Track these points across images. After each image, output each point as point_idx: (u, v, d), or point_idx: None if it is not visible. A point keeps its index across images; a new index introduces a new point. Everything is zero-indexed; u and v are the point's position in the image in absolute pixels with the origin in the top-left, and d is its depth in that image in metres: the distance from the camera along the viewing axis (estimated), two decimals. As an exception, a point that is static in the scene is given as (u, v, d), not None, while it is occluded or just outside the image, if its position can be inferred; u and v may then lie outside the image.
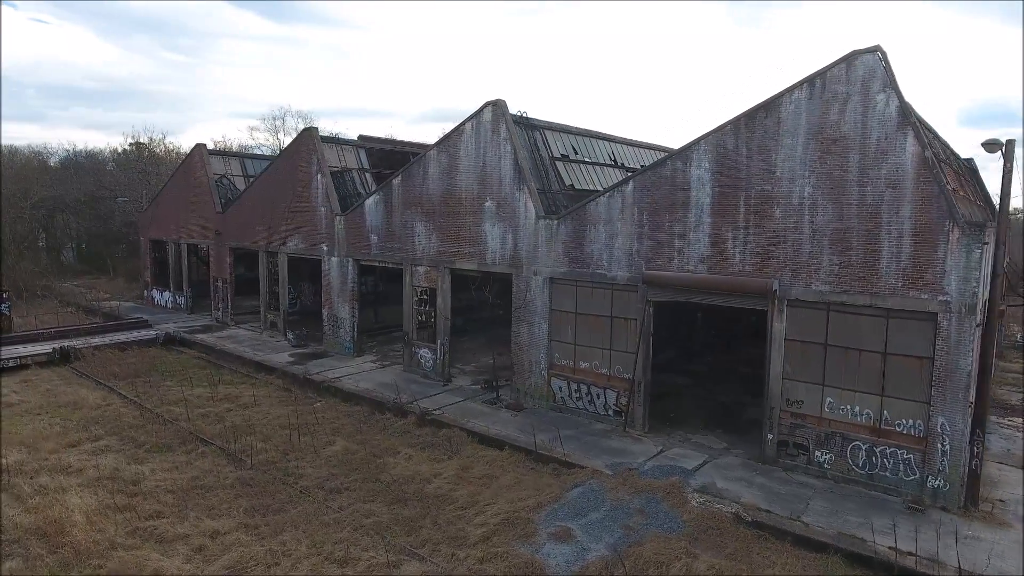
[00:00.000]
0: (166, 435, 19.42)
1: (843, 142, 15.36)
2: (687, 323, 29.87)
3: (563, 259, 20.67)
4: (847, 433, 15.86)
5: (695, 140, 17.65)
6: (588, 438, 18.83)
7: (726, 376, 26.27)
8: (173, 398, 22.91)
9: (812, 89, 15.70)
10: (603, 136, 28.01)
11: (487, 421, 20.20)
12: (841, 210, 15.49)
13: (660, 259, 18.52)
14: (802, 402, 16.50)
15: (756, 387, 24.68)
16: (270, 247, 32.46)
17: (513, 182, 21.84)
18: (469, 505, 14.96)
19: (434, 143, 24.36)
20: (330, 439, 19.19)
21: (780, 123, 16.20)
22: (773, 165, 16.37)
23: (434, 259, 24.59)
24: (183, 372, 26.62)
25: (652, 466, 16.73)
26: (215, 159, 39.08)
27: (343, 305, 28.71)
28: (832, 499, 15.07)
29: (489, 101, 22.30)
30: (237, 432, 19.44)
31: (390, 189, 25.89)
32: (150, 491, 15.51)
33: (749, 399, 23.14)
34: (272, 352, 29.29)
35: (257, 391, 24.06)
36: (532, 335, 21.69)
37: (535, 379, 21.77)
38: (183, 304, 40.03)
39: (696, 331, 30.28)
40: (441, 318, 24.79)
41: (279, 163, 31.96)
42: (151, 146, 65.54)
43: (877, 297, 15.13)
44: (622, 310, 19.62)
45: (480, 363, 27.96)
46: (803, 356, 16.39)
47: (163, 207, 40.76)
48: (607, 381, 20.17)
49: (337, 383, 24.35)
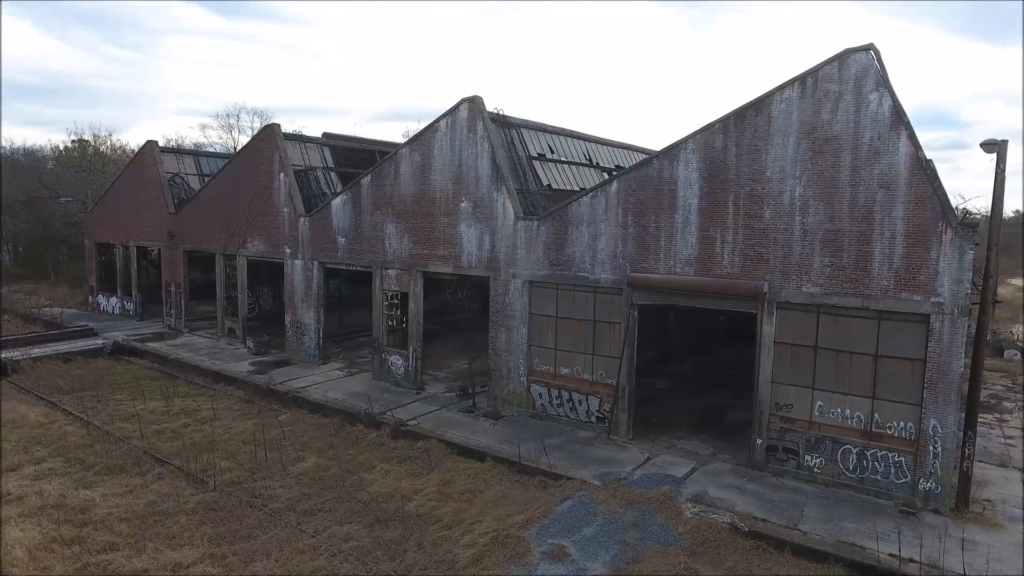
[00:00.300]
0: (118, 455, 17.91)
1: (835, 142, 15.09)
2: (662, 324, 29.59)
3: (543, 261, 19.97)
4: (838, 437, 15.60)
5: (682, 139, 17.19)
6: (572, 447, 18.16)
7: (705, 378, 26.02)
8: (124, 413, 21.29)
9: (804, 88, 15.40)
10: (578, 135, 27.48)
11: (466, 431, 19.33)
12: (833, 211, 15.21)
13: (646, 261, 18.00)
14: (792, 406, 16.19)
15: (736, 389, 24.58)
16: (228, 249, 30.82)
17: (491, 182, 21.04)
18: (454, 524, 14.08)
19: (406, 141, 23.37)
20: (299, 455, 18.02)
21: (771, 122, 15.85)
22: (763, 165, 16.02)
23: (406, 262, 23.58)
24: (134, 384, 24.91)
25: (641, 475, 16.16)
26: (168, 157, 37.09)
27: (308, 310, 27.38)
28: (826, 504, 14.75)
29: (465, 97, 21.46)
30: (197, 450, 18.08)
31: (359, 189, 24.76)
32: (101, 520, 14.11)
33: (730, 401, 22.92)
34: (231, 361, 27.73)
35: (217, 403, 22.60)
36: (511, 340, 20.91)
37: (514, 386, 21.00)
38: (132, 310, 37.84)
39: (671, 332, 30.00)
40: (413, 323, 23.79)
41: (238, 161, 30.37)
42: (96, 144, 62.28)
43: (869, 299, 14.90)
44: (606, 314, 19.03)
45: (453, 368, 27.05)
46: (793, 359, 16.08)
47: (110, 208, 38.47)
48: (590, 387, 19.54)
49: (304, 393, 23.08)
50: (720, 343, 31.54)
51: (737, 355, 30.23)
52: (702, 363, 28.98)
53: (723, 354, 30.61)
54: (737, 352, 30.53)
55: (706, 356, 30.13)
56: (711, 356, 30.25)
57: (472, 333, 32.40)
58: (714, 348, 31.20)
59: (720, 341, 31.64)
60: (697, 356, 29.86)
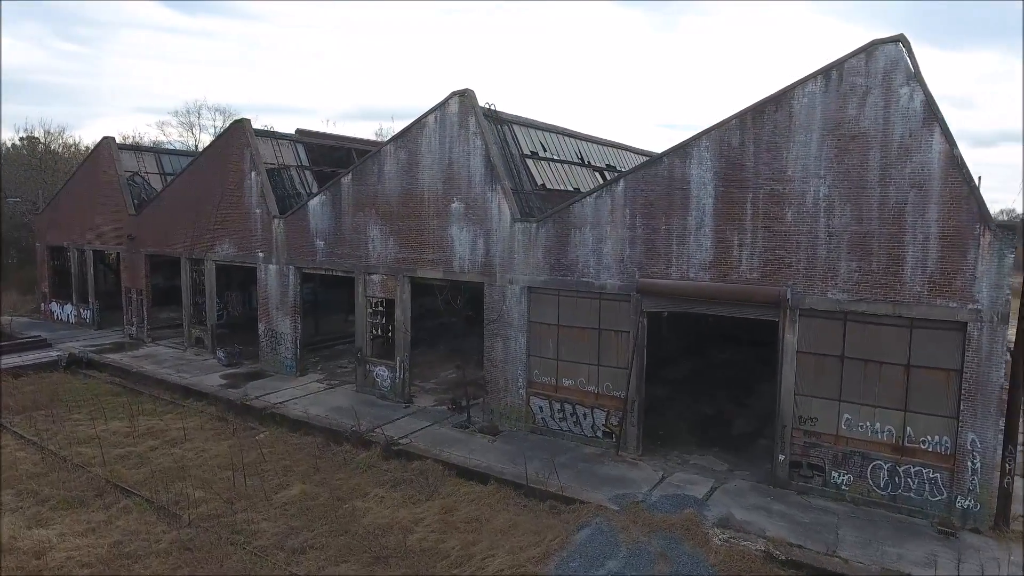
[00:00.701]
0: (77, 486, 16.06)
1: (863, 139, 14.18)
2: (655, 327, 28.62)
3: (543, 266, 18.72)
4: (867, 452, 14.71)
5: (695, 136, 16.12)
6: (580, 465, 16.95)
7: (702, 383, 25.10)
8: (83, 436, 19.33)
9: (828, 81, 14.45)
10: (570, 133, 26.31)
11: (463, 449, 17.96)
12: (861, 212, 14.30)
13: (656, 266, 16.89)
14: (816, 419, 15.25)
15: (736, 394, 23.76)
16: (195, 253, 28.80)
17: (484, 181, 19.69)
18: (464, 560, 12.73)
19: (391, 137, 21.86)
20: (283, 480, 16.42)
21: (792, 118, 14.88)
22: (784, 163, 15.04)
23: (392, 267, 22.06)
24: (94, 401, 22.84)
25: (659, 496, 15.03)
26: (126, 154, 34.69)
27: (283, 318, 25.61)
28: (859, 525, 13.84)
29: (456, 91, 20.05)
30: (167, 477, 16.34)
31: (339, 189, 23.13)
32: (59, 566, 12.37)
33: (734, 409, 22.03)
34: (200, 373, 25.80)
35: (186, 422, 20.77)
36: (508, 350, 19.61)
37: (512, 399, 19.70)
38: (89, 318, 35.35)
39: (664, 335, 29.07)
40: (400, 332, 22.29)
41: (205, 159, 28.36)
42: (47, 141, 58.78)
43: (900, 306, 14.03)
44: (612, 321, 17.88)
45: (441, 379, 25.62)
46: (817, 370, 15.14)
47: (64, 209, 35.88)
48: (595, 400, 18.36)
49: (282, 409, 21.39)
50: (713, 346, 30.78)
51: (731, 358, 29.58)
52: (697, 366, 28.13)
53: (717, 357, 29.85)
54: (731, 355, 29.89)
55: (700, 359, 29.31)
56: (705, 359, 29.44)
57: (457, 339, 31.01)
58: (707, 351, 30.41)
59: (713, 344, 30.87)
60: (691, 359, 29.00)
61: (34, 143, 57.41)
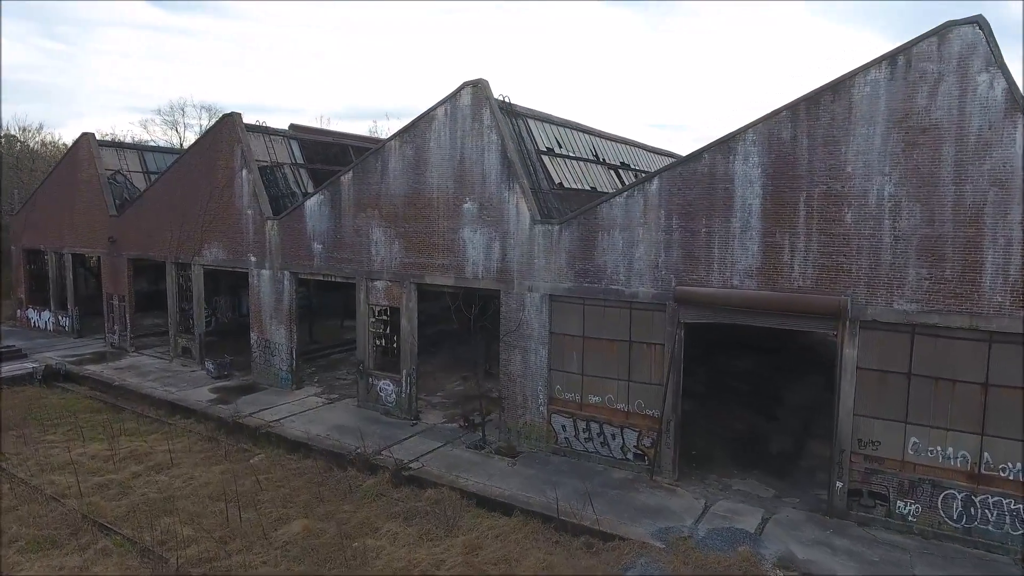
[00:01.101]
0: (49, 522, 14.26)
1: (934, 132, 12.71)
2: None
3: (567, 272, 17.13)
4: (938, 479, 13.24)
5: (740, 129, 14.60)
6: (611, 492, 15.37)
7: (723, 395, 23.60)
8: (58, 461, 17.48)
9: (894, 68, 12.97)
10: (583, 128, 24.75)
11: (481, 474, 16.32)
12: (932, 213, 12.84)
13: (695, 272, 15.35)
14: (879, 443, 13.77)
15: (764, 407, 22.30)
16: (181, 257, 26.92)
17: (500, 179, 18.07)
18: (497, 613, 11.10)
19: (396, 132, 20.17)
20: (282, 513, 14.69)
21: (852, 108, 13.39)
22: (843, 159, 13.55)
23: (397, 272, 20.38)
24: (71, 420, 20.99)
25: (707, 530, 13.48)
26: (107, 152, 32.68)
27: (278, 327, 23.83)
28: (935, 563, 12.37)
29: (468, 81, 18.42)
30: (152, 511, 14.57)
31: (338, 188, 21.41)
32: (25, 628, 10.60)
33: (765, 423, 20.55)
34: (188, 387, 23.95)
35: (173, 444, 18.96)
36: (527, 363, 18.00)
37: (531, 416, 18.09)
38: (68, 326, 33.31)
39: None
40: (406, 342, 20.60)
41: (192, 156, 26.48)
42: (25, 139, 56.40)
43: (978, 318, 12.58)
44: (644, 333, 16.32)
45: (447, 391, 23.97)
46: (881, 388, 13.66)
47: (41, 210, 33.80)
48: (625, 418, 16.80)
49: (279, 428, 19.63)
50: (722, 352, 29.31)
51: (747, 366, 28.13)
52: (713, 375, 26.64)
53: (732, 365, 28.39)
54: (746, 363, 28.45)
55: (714, 367, 27.83)
56: (719, 367, 27.97)
57: (460, 347, 29.33)
58: (720, 358, 28.94)
59: (722, 350, 29.41)
60: (705, 367, 27.50)
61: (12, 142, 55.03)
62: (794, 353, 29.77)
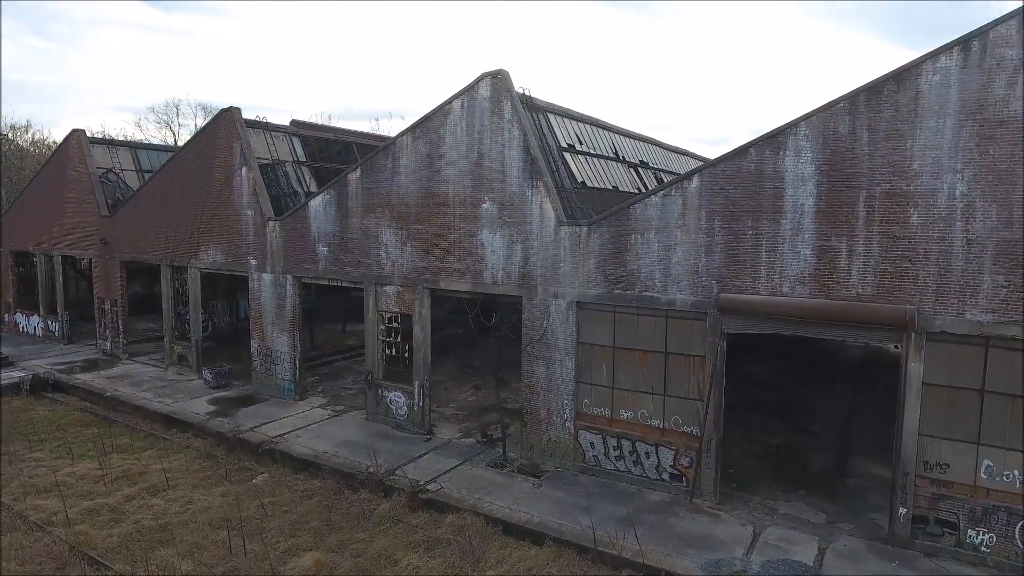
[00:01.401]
0: (34, 554, 12.92)
1: (1013, 124, 11.53)
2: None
3: (596, 278, 15.89)
4: (1014, 507, 12.06)
5: (791, 122, 13.39)
6: (650, 517, 14.13)
7: (750, 405, 22.39)
8: (44, 483, 16.14)
9: (967, 55, 11.78)
10: (603, 125, 23.51)
11: (505, 498, 15.06)
12: (1011, 215, 11.65)
13: (740, 278, 14.13)
14: (948, 466, 12.58)
15: (797, 420, 21.09)
16: (176, 260, 25.56)
17: (522, 177, 16.82)
18: (538, 665, 9.84)
19: (408, 127, 18.88)
20: (291, 543, 13.38)
21: (918, 99, 12.19)
22: (908, 155, 12.35)
23: (409, 277, 19.10)
24: (59, 434, 19.66)
25: (760, 563, 12.26)
26: (98, 149, 31.26)
27: (280, 335, 22.50)
28: (1016, 603, 11.20)
29: (487, 72, 17.18)
30: (146, 542, 13.27)
31: (345, 187, 20.11)
32: None
33: (802, 438, 19.34)
34: (185, 397, 22.61)
35: (169, 461, 17.64)
36: (552, 375, 16.75)
37: (556, 432, 16.84)
38: (58, 331, 31.89)
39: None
40: (419, 352, 19.31)
41: (188, 154, 25.10)
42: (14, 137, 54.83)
43: (1064, 330, 11.41)
44: (682, 344, 15.10)
45: (460, 402, 22.71)
46: (950, 406, 12.47)
47: (30, 210, 32.35)
48: (660, 436, 15.57)
49: (283, 444, 18.32)
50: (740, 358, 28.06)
51: (766, 373, 26.92)
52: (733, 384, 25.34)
53: (751, 372, 27.17)
54: (764, 369, 27.24)
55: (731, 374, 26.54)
56: (737, 374, 26.68)
57: (469, 353, 28.12)
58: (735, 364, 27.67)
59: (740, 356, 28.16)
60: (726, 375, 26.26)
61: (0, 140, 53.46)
62: (808, 357, 28.63)
